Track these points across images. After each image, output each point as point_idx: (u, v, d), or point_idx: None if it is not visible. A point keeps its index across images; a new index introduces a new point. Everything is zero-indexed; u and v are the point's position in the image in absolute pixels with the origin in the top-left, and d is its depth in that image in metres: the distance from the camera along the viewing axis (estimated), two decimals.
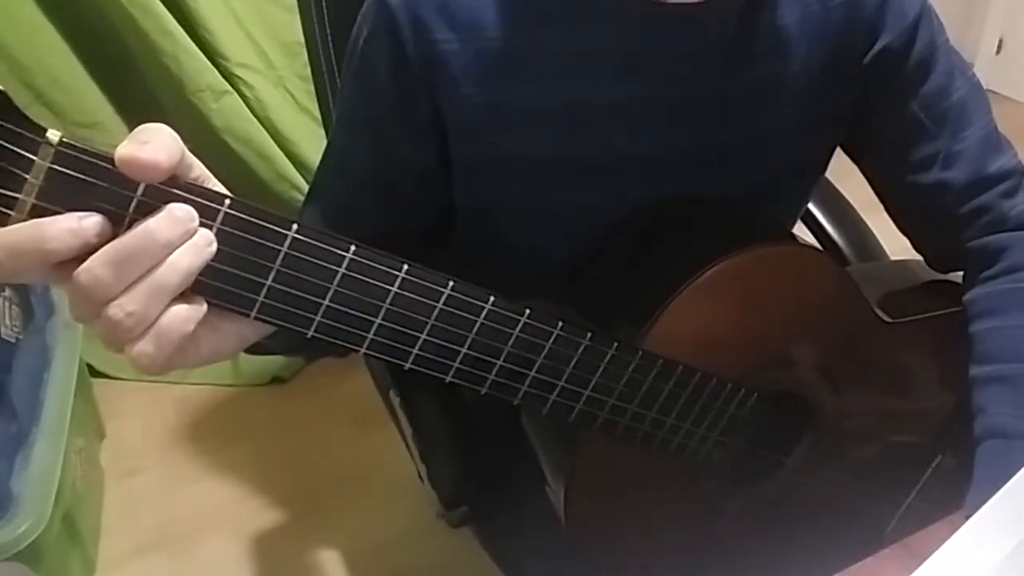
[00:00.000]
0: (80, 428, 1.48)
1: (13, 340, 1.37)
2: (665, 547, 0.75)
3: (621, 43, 0.68)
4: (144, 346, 0.44)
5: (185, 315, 0.45)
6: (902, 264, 1.02)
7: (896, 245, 1.03)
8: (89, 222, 0.42)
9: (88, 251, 0.42)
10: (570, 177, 0.71)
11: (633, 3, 0.67)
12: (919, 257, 0.86)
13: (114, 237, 0.43)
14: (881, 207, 0.85)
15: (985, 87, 0.79)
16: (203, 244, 0.45)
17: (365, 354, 0.52)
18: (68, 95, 1.67)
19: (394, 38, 0.67)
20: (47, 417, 1.34)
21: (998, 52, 2.91)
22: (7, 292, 1.39)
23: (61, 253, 0.42)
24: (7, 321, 1.36)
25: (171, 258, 0.44)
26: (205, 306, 0.47)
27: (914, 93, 0.75)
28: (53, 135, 0.41)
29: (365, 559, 1.48)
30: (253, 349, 0.56)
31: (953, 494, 0.74)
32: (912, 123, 0.76)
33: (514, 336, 0.56)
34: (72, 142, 0.41)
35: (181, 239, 0.44)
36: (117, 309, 0.43)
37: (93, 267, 0.42)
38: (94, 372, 1.78)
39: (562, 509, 0.70)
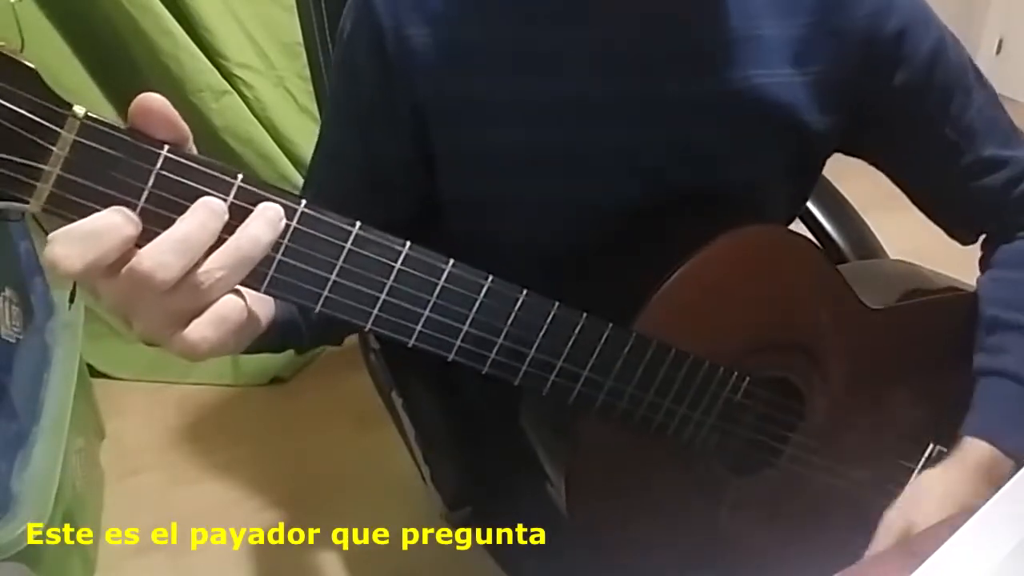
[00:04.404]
0: (80, 428, 1.48)
1: (13, 340, 1.37)
2: (668, 538, 0.75)
3: (598, 38, 0.69)
4: (206, 331, 0.47)
5: (239, 301, 0.48)
6: (888, 262, 1.03)
7: (896, 245, 1.03)
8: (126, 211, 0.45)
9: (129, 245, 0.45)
10: (550, 170, 0.72)
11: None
12: (918, 257, 0.87)
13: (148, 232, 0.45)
14: (881, 207, 0.85)
15: None
16: (276, 218, 0.48)
17: (371, 331, 0.54)
18: (68, 95, 1.66)
19: (374, 32, 0.68)
20: (47, 417, 1.34)
21: (998, 52, 2.91)
22: (7, 292, 1.38)
23: (132, 238, 0.44)
24: (7, 321, 1.36)
25: (251, 229, 0.47)
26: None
27: (941, 116, 0.77)
28: (79, 109, 0.43)
29: (365, 559, 1.48)
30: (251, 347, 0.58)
31: None
32: (943, 143, 0.78)
33: (513, 315, 0.58)
34: (97, 116, 0.44)
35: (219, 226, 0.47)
36: (205, 276, 0.46)
37: (155, 253, 0.44)
38: (94, 372, 1.78)
39: (564, 504, 0.70)
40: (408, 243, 0.53)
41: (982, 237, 0.84)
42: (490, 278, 0.56)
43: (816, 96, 0.73)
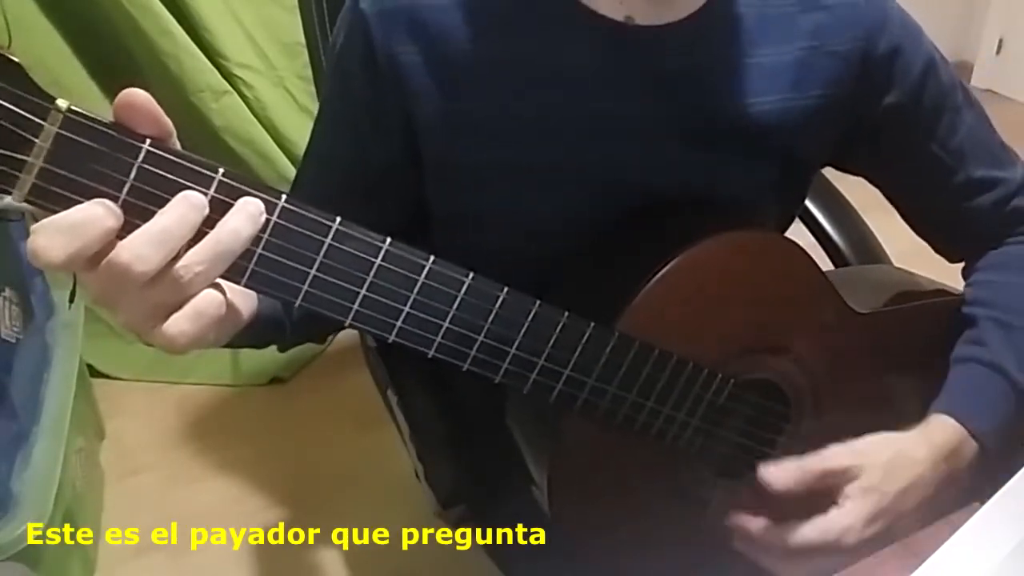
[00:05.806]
0: (80, 428, 1.48)
1: (13, 340, 1.37)
2: (651, 541, 0.75)
3: (592, 58, 0.69)
4: (184, 325, 0.48)
5: (218, 296, 0.49)
6: (878, 267, 1.03)
7: (897, 245, 1.03)
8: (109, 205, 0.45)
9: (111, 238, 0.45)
10: (535, 185, 0.72)
11: (599, 20, 0.68)
12: (919, 258, 0.86)
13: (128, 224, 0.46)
14: (881, 207, 0.85)
15: (985, 87, 0.81)
16: (256, 213, 0.48)
17: (351, 326, 0.54)
18: (68, 95, 1.65)
19: (366, 41, 0.68)
20: (47, 417, 1.34)
21: (998, 52, 2.91)
22: (7, 292, 1.39)
23: (113, 230, 0.45)
24: (7, 321, 1.36)
25: (231, 224, 0.47)
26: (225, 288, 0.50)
27: (930, 137, 0.77)
28: (62, 103, 0.44)
29: (365, 559, 1.49)
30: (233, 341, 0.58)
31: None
32: (932, 163, 0.78)
33: (494, 312, 0.58)
34: (80, 110, 0.44)
35: (200, 219, 0.47)
36: (184, 269, 0.46)
37: (133, 246, 0.45)
38: (94, 372, 1.78)
39: (546, 504, 0.70)
40: (389, 239, 0.53)
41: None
42: (471, 275, 0.56)
43: (814, 118, 0.73)
